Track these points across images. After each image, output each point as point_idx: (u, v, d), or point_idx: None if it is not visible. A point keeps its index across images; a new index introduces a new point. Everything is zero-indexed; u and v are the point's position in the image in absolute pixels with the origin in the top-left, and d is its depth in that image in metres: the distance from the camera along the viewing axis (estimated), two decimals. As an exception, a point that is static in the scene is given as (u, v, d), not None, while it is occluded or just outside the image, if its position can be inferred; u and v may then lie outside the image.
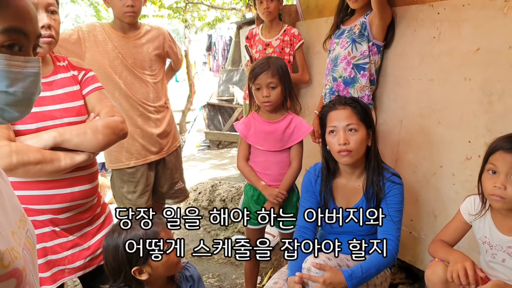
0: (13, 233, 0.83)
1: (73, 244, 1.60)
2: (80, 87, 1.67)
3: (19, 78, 0.77)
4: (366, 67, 2.38)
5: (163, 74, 2.66)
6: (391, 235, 1.78)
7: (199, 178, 5.07)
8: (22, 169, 1.38)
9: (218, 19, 10.79)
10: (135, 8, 2.35)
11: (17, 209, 0.92)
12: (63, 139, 1.48)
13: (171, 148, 2.70)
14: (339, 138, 1.78)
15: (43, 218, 1.52)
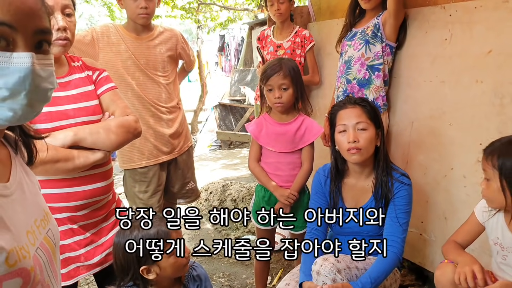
0: (28, 232, 0.85)
1: (89, 241, 1.64)
2: (94, 87, 1.70)
3: (3, 74, 0.73)
4: (380, 68, 2.39)
5: (176, 75, 2.69)
6: (396, 236, 1.79)
7: (210, 178, 5.10)
8: (42, 167, 1.42)
9: (230, 20, 10.83)
10: (148, 10, 2.38)
11: (40, 208, 0.94)
12: (79, 138, 1.52)
13: (183, 148, 2.72)
14: (348, 136, 1.80)
15: (62, 216, 1.56)
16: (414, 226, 2.42)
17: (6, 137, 0.93)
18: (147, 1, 2.35)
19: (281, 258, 3.08)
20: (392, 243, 1.77)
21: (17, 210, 0.84)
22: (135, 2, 2.35)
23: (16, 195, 0.86)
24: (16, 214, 0.83)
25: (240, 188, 4.21)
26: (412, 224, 2.41)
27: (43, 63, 0.79)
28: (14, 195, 0.85)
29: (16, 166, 0.91)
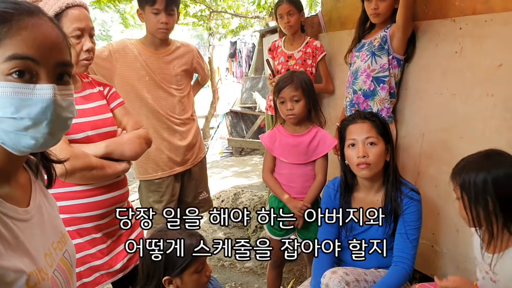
0: (46, 255, 0.89)
1: (110, 249, 1.74)
2: (106, 102, 1.83)
3: (26, 105, 0.77)
4: (385, 80, 2.41)
5: (190, 88, 2.75)
6: (405, 253, 1.81)
7: (221, 186, 5.14)
8: (79, 174, 1.55)
9: (241, 27, 10.90)
10: (168, 25, 2.44)
11: (57, 231, 0.99)
12: (111, 149, 1.67)
13: (196, 160, 2.77)
14: (358, 150, 1.82)
15: (88, 225, 1.66)
16: (425, 238, 2.43)
17: (28, 161, 0.98)
18: (168, 17, 2.41)
19: (293, 268, 3.10)
20: (402, 259, 1.79)
21: (36, 234, 0.88)
22: (156, 17, 2.40)
23: (35, 219, 0.90)
24: (35, 238, 0.87)
25: (251, 196, 4.23)
26: (423, 235, 2.42)
27: (64, 93, 0.83)
28: (34, 219, 0.89)
29: (36, 190, 0.95)
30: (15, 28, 0.76)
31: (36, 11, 0.82)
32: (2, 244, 0.76)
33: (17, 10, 0.78)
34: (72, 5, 1.59)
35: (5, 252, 0.76)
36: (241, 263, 3.26)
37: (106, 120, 1.74)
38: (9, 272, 0.76)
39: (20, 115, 0.77)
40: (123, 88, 2.47)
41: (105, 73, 2.41)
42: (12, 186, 0.87)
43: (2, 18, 0.76)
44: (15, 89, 0.76)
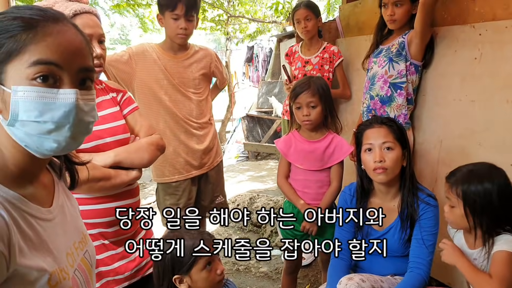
0: (68, 254, 0.91)
1: (121, 256, 1.69)
2: (120, 108, 1.79)
3: (50, 109, 0.79)
4: (403, 86, 2.39)
5: (209, 92, 2.77)
6: (422, 258, 1.79)
7: (237, 190, 5.15)
8: (86, 185, 1.50)
9: (259, 31, 10.94)
10: (187, 31, 2.48)
11: (79, 231, 1.01)
12: (119, 159, 1.61)
13: (213, 163, 2.79)
14: (375, 155, 1.81)
15: (94, 231, 1.62)
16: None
17: (52, 163, 1.00)
18: (187, 22, 2.45)
19: (308, 274, 3.09)
20: (418, 265, 1.77)
21: (58, 233, 0.90)
22: (175, 22, 2.44)
23: (58, 219, 0.92)
24: (58, 237, 0.89)
25: (267, 201, 4.23)
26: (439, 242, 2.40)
27: (86, 98, 0.85)
28: (57, 219, 0.91)
29: (59, 190, 0.98)
30: (40, 34, 0.79)
31: (61, 18, 0.84)
32: (26, 244, 0.79)
33: (43, 17, 0.81)
34: (80, 12, 1.57)
35: (29, 252, 0.79)
36: (256, 267, 3.26)
37: (118, 128, 1.70)
38: (32, 271, 0.78)
39: (44, 118, 0.79)
40: (142, 91, 2.51)
41: (124, 77, 2.45)
42: (35, 186, 0.89)
43: (28, 24, 0.79)
44: (39, 93, 0.78)
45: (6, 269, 0.73)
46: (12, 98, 0.78)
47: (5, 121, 0.80)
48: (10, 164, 0.83)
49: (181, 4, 2.39)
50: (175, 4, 2.39)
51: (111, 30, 21.32)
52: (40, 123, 0.79)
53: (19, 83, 0.78)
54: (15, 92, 0.77)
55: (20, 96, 0.77)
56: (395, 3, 2.35)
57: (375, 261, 1.95)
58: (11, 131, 0.81)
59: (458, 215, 1.59)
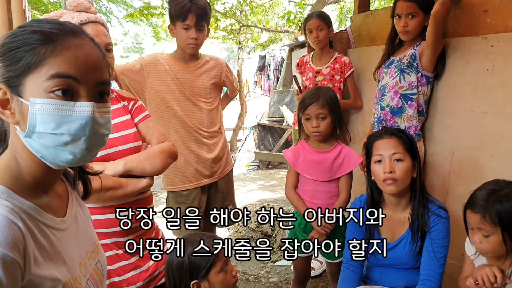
0: (81, 264, 0.92)
1: (134, 266, 1.69)
2: (131, 116, 1.79)
3: (66, 121, 0.81)
4: (413, 98, 2.38)
5: (219, 101, 2.79)
6: (433, 271, 1.78)
7: (247, 199, 5.15)
8: (95, 196, 1.47)
9: (271, 41, 11.00)
10: (198, 41, 2.50)
11: (91, 241, 1.02)
12: (129, 167, 1.61)
13: (223, 172, 2.80)
14: (385, 166, 1.81)
15: (107, 241, 1.63)
16: (454, 258, 2.37)
17: (66, 173, 1.02)
18: (198, 32, 2.48)
19: (318, 284, 3.08)
20: (429, 277, 1.76)
21: (72, 243, 0.91)
22: (186, 32, 2.47)
23: (71, 228, 0.93)
24: (71, 247, 0.90)
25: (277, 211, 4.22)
26: (452, 256, 2.36)
27: (102, 111, 0.87)
28: (70, 229, 0.93)
29: (72, 200, 0.99)
30: (59, 48, 0.81)
31: (79, 32, 0.86)
32: (41, 253, 0.80)
33: (62, 30, 0.83)
34: (86, 21, 1.59)
35: (43, 261, 0.80)
36: (266, 277, 3.25)
37: (128, 137, 1.70)
38: (46, 281, 0.79)
39: (60, 131, 0.80)
40: (153, 100, 2.53)
41: (136, 86, 2.48)
42: (50, 196, 0.91)
43: (47, 38, 0.81)
44: (57, 106, 0.80)
45: (21, 279, 0.74)
46: (30, 110, 0.79)
47: (22, 133, 0.81)
48: (26, 174, 0.84)
49: (191, 14, 2.42)
50: (186, 14, 2.42)
51: (124, 39, 21.53)
52: (56, 135, 0.81)
53: (37, 96, 0.79)
54: (33, 104, 0.79)
55: (38, 108, 0.79)
56: (409, 15, 2.34)
57: (386, 273, 1.94)
58: (28, 142, 0.82)
59: (496, 242, 1.50)
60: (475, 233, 1.55)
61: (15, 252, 0.72)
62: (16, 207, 0.78)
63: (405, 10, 2.33)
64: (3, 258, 0.69)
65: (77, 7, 1.62)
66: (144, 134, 1.79)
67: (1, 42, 0.81)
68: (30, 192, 0.84)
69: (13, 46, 0.80)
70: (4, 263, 0.69)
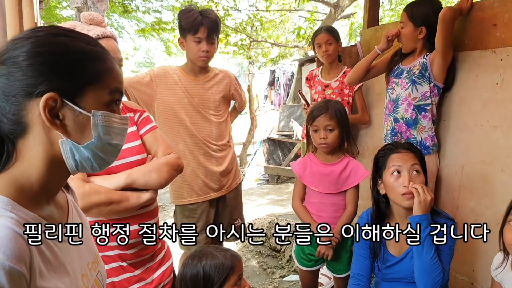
0: (83, 275, 0.92)
1: (139, 279, 1.68)
2: (137, 128, 1.78)
3: (117, 132, 0.89)
4: (427, 108, 2.37)
5: (228, 114, 2.80)
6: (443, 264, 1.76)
7: (257, 213, 5.13)
8: (96, 209, 1.49)
9: (281, 55, 11.05)
10: (209, 53, 2.53)
11: (92, 251, 1.01)
12: (132, 180, 1.59)
13: (232, 186, 2.79)
14: (404, 180, 1.77)
15: (112, 253, 1.62)
16: (465, 275, 2.33)
17: None
18: (209, 45, 2.50)
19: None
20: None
21: (73, 254, 0.91)
22: (197, 45, 2.49)
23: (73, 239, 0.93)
24: (73, 258, 0.90)
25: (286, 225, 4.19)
26: (463, 272, 2.33)
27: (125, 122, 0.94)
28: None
29: (72, 210, 0.99)
30: (109, 65, 0.88)
31: (107, 50, 0.91)
32: (45, 265, 0.79)
33: (104, 49, 0.89)
34: (101, 36, 1.61)
35: (48, 274, 0.79)
36: None
37: (132, 149, 1.69)
38: None
39: (115, 141, 0.90)
40: (163, 112, 2.54)
41: (146, 98, 2.50)
42: (52, 207, 0.90)
43: (100, 56, 0.87)
44: (114, 118, 0.88)
45: None
46: (93, 121, 0.84)
47: (68, 141, 0.83)
48: (35, 184, 0.83)
49: (203, 27, 2.45)
50: (198, 27, 2.44)
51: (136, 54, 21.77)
52: (112, 146, 0.89)
53: (98, 108, 0.85)
54: (96, 116, 0.84)
55: (101, 120, 0.85)
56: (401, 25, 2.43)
57: (393, 288, 1.91)
58: (79, 152, 0.85)
59: None
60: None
61: (22, 265, 0.71)
62: (22, 219, 0.78)
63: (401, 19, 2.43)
64: (10, 271, 0.68)
65: (92, 20, 1.65)
66: (149, 146, 1.77)
67: (47, 50, 0.80)
68: (34, 202, 0.84)
69: (72, 58, 0.82)
70: (11, 276, 0.68)
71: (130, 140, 1.70)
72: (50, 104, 0.79)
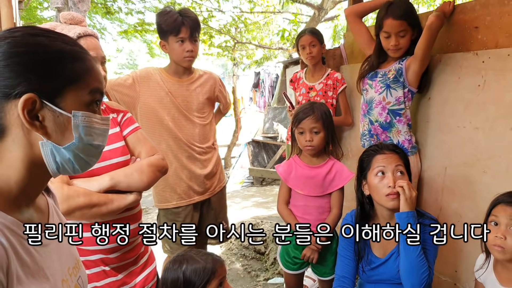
0: (63, 281, 0.89)
1: (121, 283, 1.65)
2: (120, 129, 1.75)
3: (99, 133, 0.88)
4: (401, 113, 2.38)
5: (212, 116, 2.78)
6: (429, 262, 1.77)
7: (241, 216, 5.11)
8: (79, 212, 1.46)
9: (265, 57, 11.07)
10: (193, 53, 2.50)
11: (73, 256, 0.99)
12: (115, 182, 1.55)
13: (216, 189, 2.76)
14: (388, 180, 1.78)
15: (94, 257, 1.59)
16: (448, 276, 2.35)
17: None
18: (192, 44, 2.48)
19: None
20: None
21: (53, 259, 0.88)
22: (181, 46, 2.46)
23: (53, 244, 0.90)
24: (53, 263, 0.87)
25: (270, 228, 4.18)
26: (446, 273, 2.35)
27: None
28: (52, 245, 0.90)
29: (53, 214, 0.96)
30: (89, 64, 0.86)
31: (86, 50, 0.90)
32: (24, 271, 0.77)
33: (83, 49, 0.88)
34: (83, 35, 1.58)
35: (26, 279, 0.77)
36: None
37: (116, 151, 1.66)
38: None
39: (97, 142, 0.89)
40: (145, 114, 2.51)
41: (128, 101, 2.46)
42: (31, 210, 0.88)
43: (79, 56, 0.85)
44: (95, 119, 0.87)
45: None
46: (74, 122, 0.83)
47: (48, 143, 0.81)
48: (14, 187, 0.81)
49: (185, 27, 2.42)
50: (179, 28, 2.42)
51: (118, 55, 21.57)
52: (93, 147, 0.88)
53: (79, 108, 0.84)
54: (76, 117, 0.83)
55: (81, 121, 0.84)
56: (400, 32, 2.30)
57: (378, 290, 1.92)
58: (59, 153, 0.83)
59: None
60: (499, 228, 1.56)
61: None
62: (0, 224, 0.75)
63: (395, 29, 2.29)
64: None
65: (72, 19, 1.62)
66: (132, 147, 1.75)
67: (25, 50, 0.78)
68: (13, 206, 0.81)
69: (50, 58, 0.80)
70: None
71: (114, 141, 1.67)
72: (29, 105, 0.77)
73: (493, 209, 1.61)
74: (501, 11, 2.08)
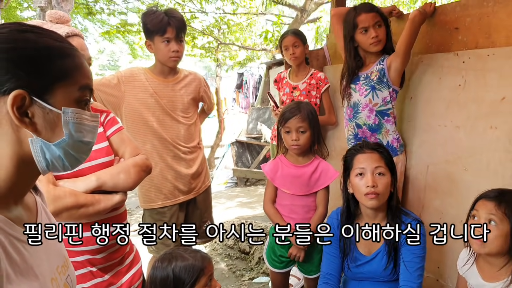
0: (52, 280, 0.89)
1: (108, 284, 1.64)
2: (103, 129, 1.74)
3: (88, 130, 0.88)
4: (389, 113, 2.41)
5: (197, 116, 2.78)
6: (411, 282, 1.79)
7: (225, 216, 5.11)
8: (66, 213, 1.44)
9: (248, 59, 11.08)
10: (179, 53, 2.50)
11: (61, 255, 0.98)
12: (101, 183, 1.55)
13: (202, 188, 2.77)
14: (367, 180, 1.81)
15: (81, 258, 1.58)
16: (431, 272, 2.39)
17: None
18: (178, 44, 2.48)
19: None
20: None
21: (42, 258, 0.88)
22: (167, 46, 2.46)
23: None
24: (42, 262, 0.87)
25: (255, 227, 4.20)
26: (428, 269, 2.38)
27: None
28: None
29: (41, 212, 0.96)
30: (77, 61, 0.86)
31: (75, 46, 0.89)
32: (13, 269, 0.76)
33: (72, 45, 0.87)
34: (70, 34, 1.58)
35: (16, 278, 0.76)
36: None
37: (100, 151, 1.65)
38: None
39: (87, 139, 0.89)
40: (130, 114, 2.49)
41: (113, 101, 2.44)
42: (20, 208, 0.87)
43: (68, 52, 0.85)
44: (85, 116, 0.87)
45: None
46: (64, 119, 0.82)
47: (38, 140, 0.81)
48: (2, 183, 0.80)
49: (170, 27, 2.42)
50: (165, 28, 2.42)
51: (100, 56, 21.34)
52: (83, 143, 0.88)
53: (68, 105, 0.83)
54: (66, 113, 0.82)
55: (71, 117, 0.83)
56: (376, 24, 2.31)
57: (363, 287, 1.94)
58: (49, 150, 0.82)
59: (502, 234, 1.55)
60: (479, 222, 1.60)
61: None
62: None
63: (371, 21, 2.31)
64: None
65: (59, 19, 1.62)
66: (116, 147, 1.73)
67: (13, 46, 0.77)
68: (1, 204, 0.81)
69: (39, 55, 0.80)
70: None
71: (98, 142, 1.65)
72: (18, 101, 0.76)
73: (475, 204, 1.66)
74: (480, 13, 2.13)
